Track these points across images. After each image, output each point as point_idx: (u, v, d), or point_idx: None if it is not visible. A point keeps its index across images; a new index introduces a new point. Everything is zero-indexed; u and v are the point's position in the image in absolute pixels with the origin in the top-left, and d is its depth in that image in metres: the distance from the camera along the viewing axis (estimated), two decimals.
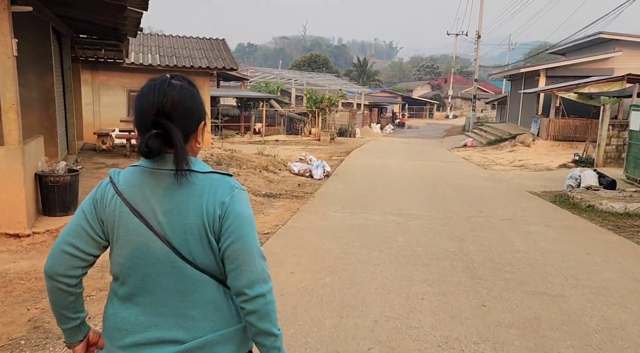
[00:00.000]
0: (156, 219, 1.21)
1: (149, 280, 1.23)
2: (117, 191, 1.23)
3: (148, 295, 1.23)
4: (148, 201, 1.21)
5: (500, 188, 9.77)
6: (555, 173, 12.43)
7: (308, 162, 11.11)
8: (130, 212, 1.21)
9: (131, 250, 1.22)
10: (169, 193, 1.21)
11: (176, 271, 1.22)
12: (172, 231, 1.21)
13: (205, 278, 1.23)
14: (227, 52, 15.16)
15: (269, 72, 32.61)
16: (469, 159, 16.79)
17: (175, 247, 1.21)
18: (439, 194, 8.74)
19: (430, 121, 54.01)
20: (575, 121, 18.07)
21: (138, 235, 1.21)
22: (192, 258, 1.22)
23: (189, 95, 1.24)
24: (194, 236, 1.21)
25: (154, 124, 1.18)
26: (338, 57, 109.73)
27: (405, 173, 11.93)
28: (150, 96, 1.20)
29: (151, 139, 1.17)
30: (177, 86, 1.22)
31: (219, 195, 1.22)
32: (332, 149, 19.57)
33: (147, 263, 1.22)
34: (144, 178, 1.23)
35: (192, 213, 1.20)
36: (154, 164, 1.23)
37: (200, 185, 1.23)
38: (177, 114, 1.20)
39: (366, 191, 8.80)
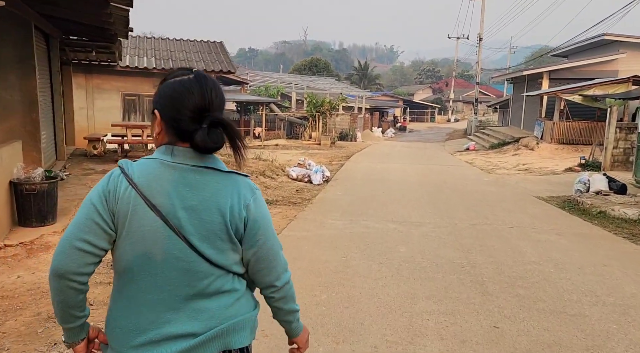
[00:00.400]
0: (175, 215, 1.18)
1: (162, 275, 1.20)
2: (132, 182, 1.17)
3: (159, 291, 1.20)
4: (168, 196, 1.18)
5: (505, 193, 9.40)
6: (561, 177, 12.06)
7: (307, 167, 10.76)
8: (147, 205, 1.17)
9: (144, 245, 1.18)
10: (193, 189, 1.19)
11: (190, 267, 1.20)
12: (192, 227, 1.19)
13: (219, 271, 1.24)
14: (224, 55, 14.88)
15: (269, 76, 32.31)
16: (472, 163, 16.44)
17: (192, 243, 1.19)
18: (442, 199, 8.38)
19: (432, 124, 53.72)
20: (580, 124, 17.72)
21: (153, 229, 1.18)
22: (208, 255, 1.21)
23: (220, 88, 1.25)
24: (215, 234, 1.21)
25: (205, 119, 1.18)
26: (339, 62, 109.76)
27: (407, 177, 11.58)
28: (195, 90, 1.19)
29: (214, 134, 1.17)
30: (214, 80, 1.25)
31: (243, 197, 1.24)
32: (333, 154, 19.25)
33: (160, 259, 1.19)
34: (164, 171, 1.19)
35: (216, 212, 1.20)
36: (174, 159, 1.20)
37: (224, 184, 1.23)
38: (217, 107, 1.22)
39: (367, 197, 8.45)
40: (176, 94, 1.20)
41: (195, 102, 1.19)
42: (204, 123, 1.18)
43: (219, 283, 1.24)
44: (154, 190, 1.17)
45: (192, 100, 1.19)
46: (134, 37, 14.87)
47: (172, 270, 1.19)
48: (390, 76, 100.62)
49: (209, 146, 1.18)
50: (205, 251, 1.20)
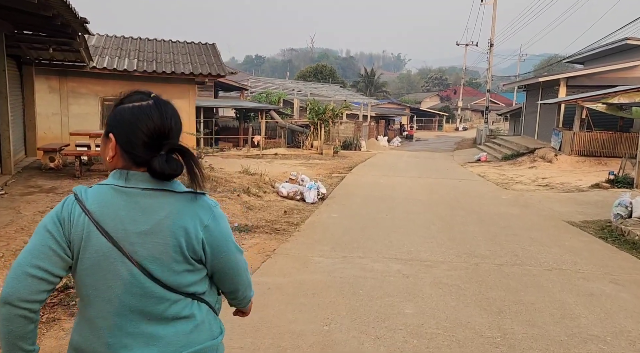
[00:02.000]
0: (128, 240, 1.18)
1: (117, 301, 1.19)
2: (85, 209, 1.18)
3: (116, 317, 1.20)
4: (121, 221, 1.18)
5: (530, 216, 8.01)
6: (589, 196, 10.63)
7: (299, 182, 9.45)
8: (99, 232, 1.17)
9: (97, 271, 1.19)
10: (145, 213, 1.19)
11: (145, 292, 1.20)
12: (146, 252, 1.19)
13: (175, 296, 1.22)
14: (216, 58, 13.66)
15: (271, 82, 31.15)
16: (485, 177, 15.03)
17: (145, 268, 1.19)
18: (457, 225, 7.01)
19: (440, 133, 52.26)
20: (602, 135, 16.28)
21: (106, 256, 1.18)
22: (163, 279, 1.20)
23: (177, 113, 1.29)
24: (170, 257, 1.20)
25: (164, 146, 1.20)
26: (346, 69, 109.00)
27: (414, 195, 10.21)
28: (155, 116, 1.21)
29: (172, 162, 1.19)
30: (172, 107, 1.28)
31: (200, 217, 1.23)
32: (334, 164, 17.93)
33: (115, 285, 1.19)
34: (117, 197, 1.20)
35: (170, 235, 1.19)
36: (127, 183, 1.20)
37: (178, 206, 1.22)
38: (175, 134, 1.25)
39: (367, 222, 7.10)
40: (134, 119, 1.20)
41: (154, 128, 1.20)
42: (162, 150, 1.20)
43: (176, 308, 1.23)
44: (106, 216, 1.18)
45: (151, 126, 1.20)
46: (118, 38, 13.73)
47: (127, 296, 1.19)
48: (397, 83, 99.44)
49: (167, 173, 1.19)
50: (160, 275, 1.20)
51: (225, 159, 17.23)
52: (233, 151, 22.01)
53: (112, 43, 13.10)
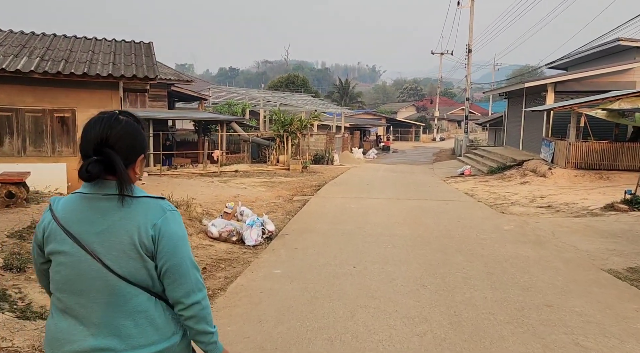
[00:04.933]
0: (89, 240, 1.32)
1: (83, 294, 1.33)
2: (54, 216, 1.36)
3: (83, 308, 1.34)
4: (82, 223, 1.33)
5: (553, 262, 5.76)
6: (609, 223, 8.53)
7: (237, 217, 6.99)
8: (65, 234, 1.34)
9: (65, 268, 1.34)
10: (102, 215, 1.33)
11: (108, 285, 1.32)
12: (104, 249, 1.32)
13: (136, 291, 1.34)
14: (148, 59, 11.17)
15: (235, 92, 28.71)
16: (474, 195, 12.89)
17: (106, 264, 1.32)
18: (458, 289, 4.68)
19: (417, 144, 50.61)
20: (602, 145, 14.41)
21: (71, 254, 1.33)
22: (122, 273, 1.32)
23: (132, 130, 1.40)
24: (125, 254, 1.32)
25: (96, 152, 1.33)
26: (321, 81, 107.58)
27: (393, 227, 7.89)
28: (97, 127, 1.36)
29: (92, 165, 1.31)
30: (123, 121, 1.40)
31: (151, 217, 1.35)
32: (301, 183, 15.53)
33: (80, 279, 1.33)
34: (80, 202, 1.36)
35: (124, 233, 1.32)
36: (91, 190, 1.36)
37: (133, 208, 1.34)
38: (119, 146, 1.35)
39: (322, 285, 4.71)
40: (84, 131, 1.39)
41: (91, 137, 1.35)
42: (95, 155, 1.33)
43: (135, 302, 1.34)
44: (70, 220, 1.35)
45: (90, 136, 1.36)
46: (25, 34, 11.10)
47: (92, 289, 1.33)
48: (372, 94, 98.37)
49: (82, 176, 1.32)
50: (119, 270, 1.32)
51: (171, 180, 14.62)
52: (187, 169, 19.38)
53: (14, 40, 10.47)
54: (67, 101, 10.00)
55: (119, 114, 1.41)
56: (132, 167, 1.39)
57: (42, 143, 9.92)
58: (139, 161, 1.42)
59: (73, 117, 10.12)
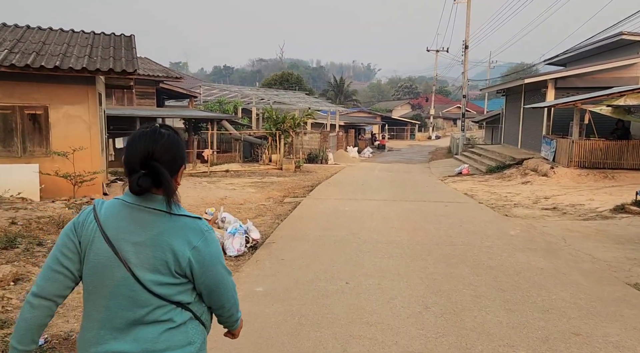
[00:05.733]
0: (124, 248, 1.36)
1: (110, 298, 1.37)
2: (97, 218, 1.40)
3: (108, 311, 1.38)
4: (121, 231, 1.37)
5: (571, 275, 5.14)
6: (622, 226, 7.94)
7: (218, 224, 6.31)
8: (102, 238, 1.37)
9: (97, 271, 1.38)
10: (142, 227, 1.37)
11: (133, 294, 1.36)
12: (137, 260, 1.35)
13: (160, 302, 1.38)
14: (128, 52, 10.46)
15: (227, 89, 27.97)
16: (474, 196, 12.28)
17: (135, 274, 1.35)
18: (467, 310, 4.05)
19: (412, 142, 50.05)
20: (606, 143, 13.84)
21: (105, 258, 1.37)
22: (149, 286, 1.36)
23: (175, 143, 1.46)
24: (156, 269, 1.36)
25: (143, 166, 1.38)
26: (316, 79, 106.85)
27: (390, 233, 7.25)
28: (142, 141, 1.41)
29: (142, 179, 1.37)
30: (165, 134, 1.45)
31: (189, 238, 1.39)
32: (293, 183, 14.87)
33: (109, 284, 1.37)
34: (122, 210, 1.40)
35: (160, 249, 1.36)
36: (135, 200, 1.40)
37: (172, 226, 1.39)
38: (164, 159, 1.41)
39: (312, 305, 4.06)
40: (129, 145, 1.44)
41: (138, 152, 1.40)
42: (142, 169, 1.38)
43: (157, 313, 1.38)
44: (109, 225, 1.38)
45: (137, 150, 1.40)
46: None
47: (118, 295, 1.37)
48: (367, 92, 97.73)
49: (134, 189, 1.37)
50: (147, 282, 1.36)
51: None
52: None
53: None
54: (38, 97, 9.28)
55: (160, 127, 1.47)
56: (175, 178, 1.45)
57: (12, 142, 9.19)
58: (181, 171, 1.50)
59: (46, 115, 9.40)
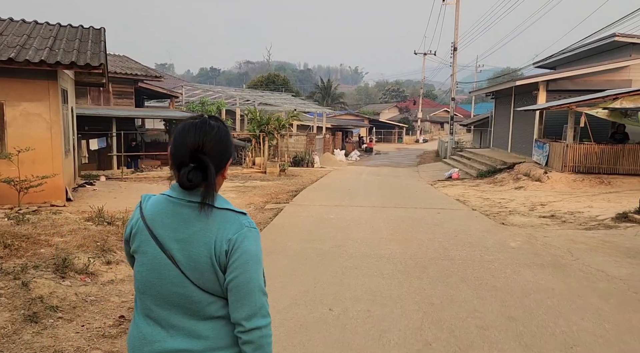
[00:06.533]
0: (170, 245, 1.33)
1: (162, 297, 1.34)
2: (142, 215, 1.37)
3: (161, 310, 1.35)
4: (166, 228, 1.34)
5: (585, 297, 4.49)
6: (629, 237, 7.35)
7: None
8: (149, 235, 1.34)
9: (146, 269, 1.35)
10: (184, 223, 1.33)
11: (185, 291, 1.32)
12: (183, 257, 1.32)
13: (212, 298, 1.34)
14: (96, 45, 9.61)
15: (210, 90, 27.11)
16: (466, 202, 11.67)
17: (184, 271, 1.32)
18: (472, 339, 3.36)
19: (400, 145, 49.62)
20: (602, 147, 13.37)
21: (153, 256, 1.34)
22: (198, 282, 1.32)
23: (224, 135, 1.41)
24: (201, 265, 1.31)
25: (192, 159, 1.32)
26: (303, 82, 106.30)
27: (380, 245, 6.54)
28: (192, 133, 1.34)
29: (192, 173, 1.31)
30: (215, 127, 1.39)
31: (227, 232, 1.33)
32: (277, 187, 14.12)
33: (160, 283, 1.34)
34: (166, 205, 1.36)
35: (202, 245, 1.31)
36: (178, 195, 1.35)
37: (213, 220, 1.33)
38: (214, 152, 1.35)
39: (287, 342, 3.32)
40: (177, 136, 1.38)
41: (187, 144, 1.33)
42: (192, 162, 1.31)
43: (212, 308, 1.34)
44: (156, 222, 1.35)
45: (186, 142, 1.33)
46: None
47: (170, 293, 1.33)
48: (355, 95, 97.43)
49: (185, 184, 1.31)
50: (195, 278, 1.32)
51: (130, 185, 13.02)
52: (154, 172, 17.77)
53: None
54: None
55: (209, 118, 1.41)
56: (221, 172, 1.42)
57: None
58: (228, 165, 1.44)
59: (1, 111, 8.51)
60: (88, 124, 17.71)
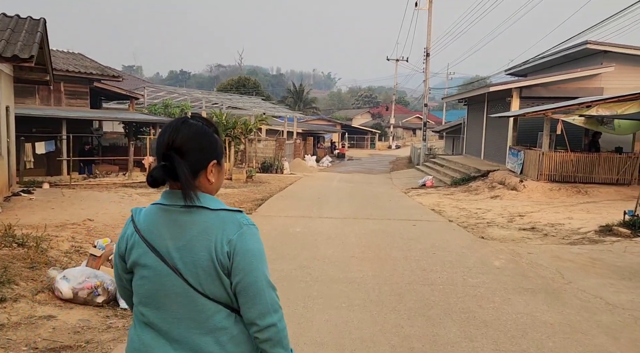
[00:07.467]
0: (170, 255, 1.28)
1: (165, 308, 1.29)
2: (136, 228, 1.32)
3: (164, 323, 1.30)
4: (164, 238, 1.29)
5: (590, 334, 3.79)
6: (618, 253, 6.80)
7: (112, 261, 4.57)
8: (147, 247, 1.29)
9: (148, 282, 1.30)
10: (181, 229, 1.28)
11: (189, 301, 1.27)
12: (184, 265, 1.27)
13: (217, 307, 1.29)
14: (31, 36, 8.47)
15: (175, 92, 25.86)
16: (442, 212, 11.04)
17: (187, 280, 1.27)
18: None
19: (372, 151, 49.29)
20: (577, 155, 13.04)
21: (154, 268, 1.28)
22: (203, 290, 1.27)
23: (202, 134, 1.34)
24: (204, 271, 1.27)
25: (164, 157, 1.28)
26: (275, 86, 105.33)
27: (351, 264, 5.72)
28: (167, 131, 1.32)
29: (156, 170, 1.27)
30: (192, 124, 1.34)
31: (227, 233, 1.28)
32: (242, 195, 13.17)
33: (163, 294, 1.29)
34: (160, 214, 1.31)
35: (202, 250, 1.27)
36: (170, 201, 1.31)
37: (210, 223, 1.28)
38: (185, 149, 1.29)
39: None
40: (158, 136, 1.39)
41: (160, 142, 1.32)
42: (163, 161, 1.28)
43: (216, 318, 1.29)
44: (152, 234, 1.30)
45: (160, 140, 1.33)
46: None
47: (174, 304, 1.28)
48: (327, 101, 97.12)
49: (148, 180, 1.27)
50: (199, 286, 1.27)
51: (77, 193, 11.78)
52: (109, 178, 16.48)
53: None
54: None
55: (190, 118, 1.38)
56: (202, 173, 1.33)
57: None
58: (211, 166, 1.34)
59: None
60: (36, 126, 16.29)
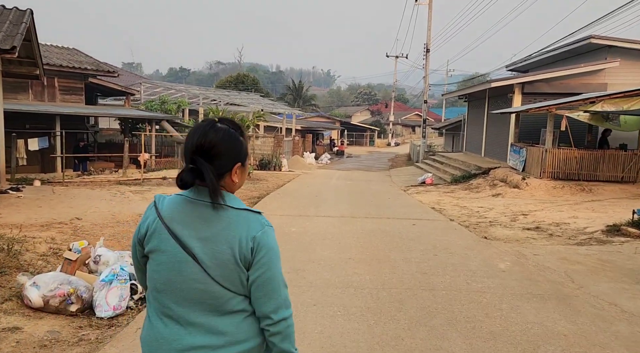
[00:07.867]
0: (191, 243, 1.34)
1: (182, 294, 1.34)
2: (159, 214, 1.37)
3: (180, 307, 1.35)
4: (186, 226, 1.35)
5: (609, 348, 3.48)
6: (629, 255, 6.48)
7: (90, 267, 4.22)
8: (169, 234, 1.35)
9: (165, 268, 1.35)
10: (206, 222, 1.35)
11: (206, 288, 1.33)
12: (205, 255, 1.33)
13: (230, 294, 1.35)
14: (15, 27, 8.14)
15: (172, 88, 25.51)
16: (442, 210, 10.72)
17: (205, 269, 1.33)
18: None
19: (372, 148, 48.95)
20: (581, 153, 12.71)
21: (173, 254, 1.34)
22: (220, 280, 1.33)
23: (228, 138, 1.40)
24: (224, 263, 1.34)
25: (192, 161, 1.36)
26: (275, 84, 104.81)
27: (348, 267, 5.41)
28: (194, 135, 1.38)
29: (185, 173, 1.35)
30: (219, 129, 1.40)
31: (251, 231, 1.36)
32: (239, 193, 12.65)
33: (180, 280, 1.34)
34: (185, 205, 1.37)
35: (225, 244, 1.34)
36: (194, 195, 1.37)
37: (234, 220, 1.36)
38: (214, 153, 1.37)
39: None
40: (185, 139, 1.42)
41: (188, 146, 1.38)
42: (191, 164, 1.35)
43: (232, 302, 1.35)
44: (174, 221, 1.35)
45: (188, 144, 1.38)
46: None
47: (190, 290, 1.34)
48: (327, 98, 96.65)
49: (177, 183, 1.35)
50: (216, 276, 1.33)
51: (67, 191, 11.45)
52: (103, 176, 16.13)
53: None
54: None
55: (218, 121, 1.43)
56: (228, 175, 1.40)
57: None
58: (236, 168, 1.41)
59: None
60: (29, 122, 15.95)
